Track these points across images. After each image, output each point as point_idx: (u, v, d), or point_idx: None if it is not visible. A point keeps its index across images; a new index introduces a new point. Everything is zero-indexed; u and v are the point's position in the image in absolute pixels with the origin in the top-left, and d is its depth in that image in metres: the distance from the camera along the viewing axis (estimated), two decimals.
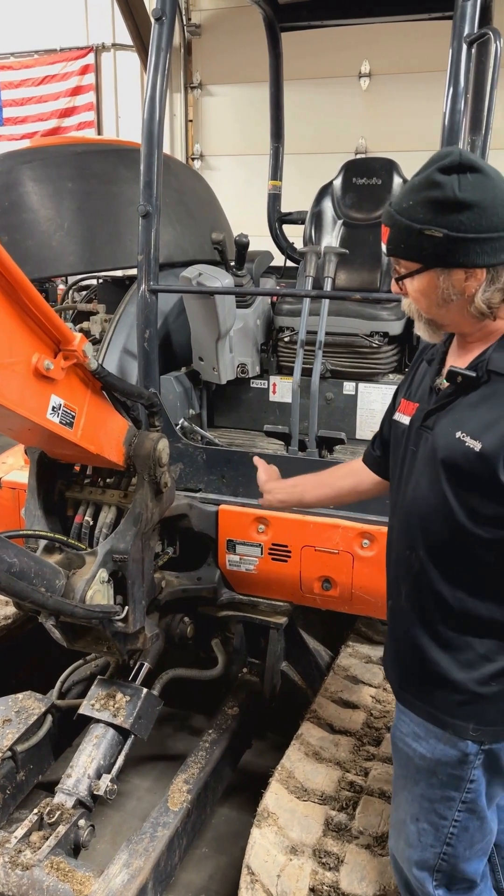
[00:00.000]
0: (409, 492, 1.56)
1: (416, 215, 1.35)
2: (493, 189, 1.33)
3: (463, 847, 1.57)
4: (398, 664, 1.64)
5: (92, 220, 2.86)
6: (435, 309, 1.45)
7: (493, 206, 1.32)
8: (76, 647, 2.32)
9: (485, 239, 1.32)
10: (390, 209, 1.41)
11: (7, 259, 1.55)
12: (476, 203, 1.31)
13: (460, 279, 1.37)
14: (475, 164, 1.33)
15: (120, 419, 2.15)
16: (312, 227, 3.44)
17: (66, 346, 1.79)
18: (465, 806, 1.55)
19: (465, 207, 1.31)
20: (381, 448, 1.84)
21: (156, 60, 2.50)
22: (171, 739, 3.02)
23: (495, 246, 1.33)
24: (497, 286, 1.38)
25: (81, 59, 6.90)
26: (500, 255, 1.34)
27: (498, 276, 1.37)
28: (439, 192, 1.33)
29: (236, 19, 6.13)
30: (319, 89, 5.92)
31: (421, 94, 5.79)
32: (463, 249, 1.34)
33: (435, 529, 1.50)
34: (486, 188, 1.33)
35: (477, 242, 1.33)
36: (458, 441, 1.42)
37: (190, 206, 3.44)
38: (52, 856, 2.01)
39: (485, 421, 1.39)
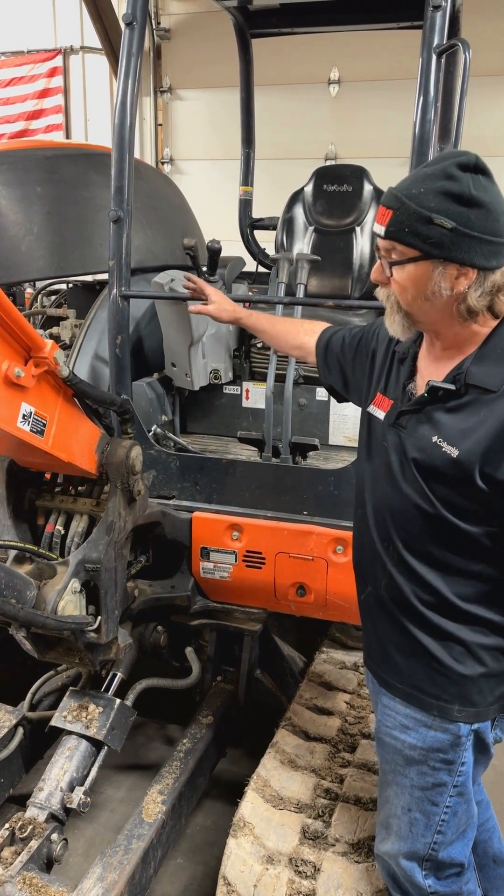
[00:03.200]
0: (382, 488, 1.61)
1: (428, 203, 1.37)
2: (499, 195, 1.39)
3: (452, 832, 1.61)
4: (380, 652, 1.67)
5: (62, 225, 2.82)
6: (419, 302, 1.46)
7: (498, 211, 1.37)
8: (47, 658, 2.28)
9: (486, 240, 1.36)
10: (396, 192, 1.42)
11: None
12: (486, 204, 1.36)
13: (452, 275, 1.39)
14: (488, 169, 1.39)
15: (92, 426, 2.12)
16: (284, 234, 3.44)
17: (36, 353, 1.76)
18: (455, 790, 1.58)
19: (476, 205, 1.35)
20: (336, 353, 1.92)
21: (126, 65, 2.48)
22: (145, 749, 2.99)
23: (492, 250, 1.38)
24: (483, 290, 1.41)
25: (49, 61, 6.83)
26: (493, 260, 1.39)
27: (485, 280, 1.40)
28: (455, 186, 1.36)
29: (206, 24, 6.13)
30: (289, 95, 5.94)
31: (390, 102, 5.85)
32: (465, 245, 1.36)
33: (412, 523, 1.53)
34: (495, 193, 1.38)
35: (479, 242, 1.36)
36: (434, 445, 1.47)
37: (161, 211, 3.43)
38: (25, 871, 1.97)
39: (461, 428, 1.44)
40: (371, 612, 1.69)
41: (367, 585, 1.70)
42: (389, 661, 1.64)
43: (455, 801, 1.59)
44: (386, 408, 1.65)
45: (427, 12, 2.21)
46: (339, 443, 3.03)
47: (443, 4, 2.19)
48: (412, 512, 1.52)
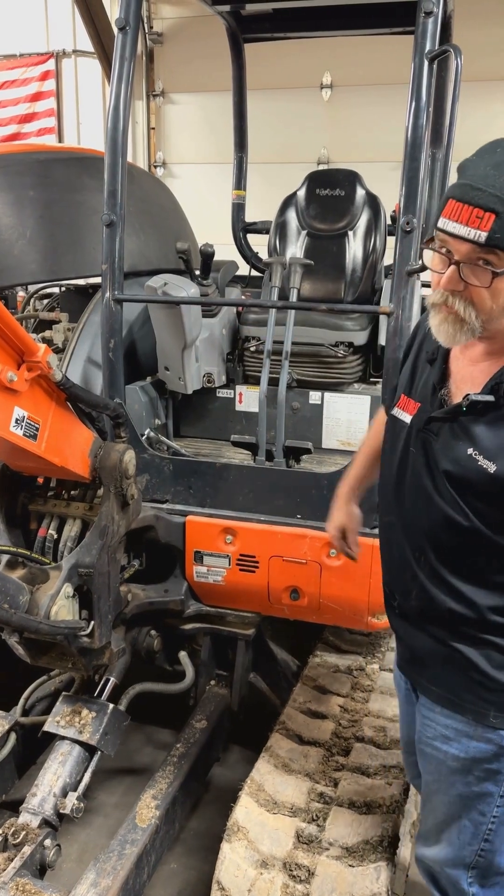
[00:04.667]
0: (413, 498, 1.55)
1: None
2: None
3: (499, 841, 1.59)
4: (414, 659, 1.65)
5: (54, 229, 2.82)
6: (498, 311, 1.35)
7: None
8: (40, 663, 2.28)
9: None
10: (495, 192, 1.27)
11: None
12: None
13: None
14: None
15: (85, 431, 2.12)
16: (277, 238, 3.45)
17: (29, 357, 1.76)
18: (502, 800, 1.55)
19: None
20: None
21: (119, 69, 2.48)
22: (139, 754, 2.98)
23: None
24: None
25: (42, 64, 6.83)
26: None
27: None
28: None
29: (198, 28, 6.14)
30: (282, 99, 5.96)
31: (382, 106, 5.87)
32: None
33: (446, 536, 1.49)
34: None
35: None
36: (469, 458, 1.41)
37: (154, 215, 3.43)
38: (18, 877, 1.96)
39: (498, 443, 1.39)
40: (401, 620, 1.67)
41: (395, 594, 1.67)
42: (425, 668, 1.62)
43: (502, 810, 1.57)
44: (412, 411, 1.57)
45: (419, 18, 2.22)
46: (333, 446, 3.03)
47: (434, 11, 2.20)
48: (446, 524, 1.48)
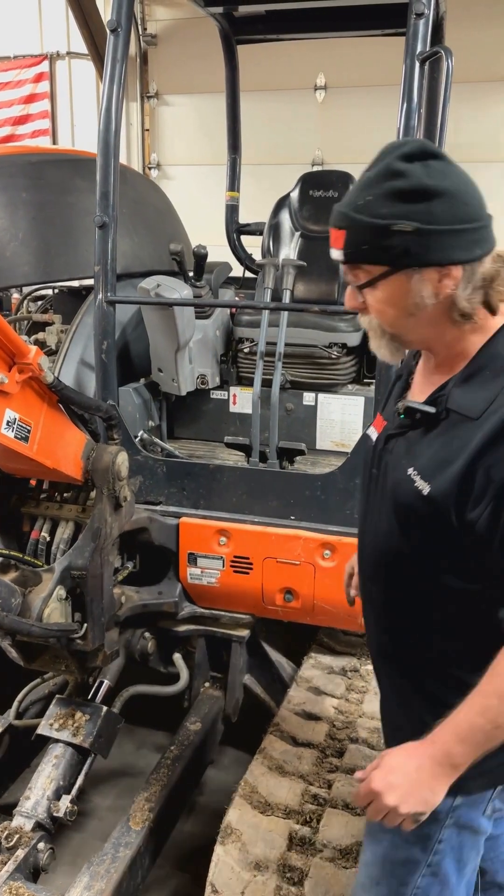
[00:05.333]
0: (369, 522, 1.46)
1: (379, 210, 1.19)
2: (460, 175, 1.21)
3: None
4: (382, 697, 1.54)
5: (47, 231, 2.81)
6: (403, 320, 1.28)
7: (464, 193, 1.20)
8: (34, 666, 2.27)
9: (459, 231, 1.19)
10: (343, 210, 1.25)
11: None
12: (446, 190, 1.18)
13: (434, 280, 1.21)
14: (437, 151, 1.22)
15: (77, 433, 2.11)
16: (270, 239, 3.45)
17: (20, 359, 1.75)
18: (429, 870, 1.38)
19: (436, 195, 1.17)
20: None
21: (111, 71, 2.48)
22: (133, 757, 2.98)
23: (469, 239, 1.20)
24: (474, 285, 1.23)
25: (35, 66, 6.82)
26: (475, 249, 1.20)
27: (473, 273, 1.22)
28: (404, 182, 1.18)
29: (192, 30, 6.14)
30: (275, 101, 5.96)
31: (376, 107, 5.86)
32: (437, 244, 1.19)
33: (393, 565, 1.37)
34: (453, 174, 1.20)
35: (451, 235, 1.19)
36: (408, 479, 1.29)
37: (147, 216, 3.43)
38: (11, 881, 1.96)
39: (437, 459, 1.26)
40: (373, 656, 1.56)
41: (364, 617, 1.54)
42: (383, 700, 1.52)
43: (427, 881, 1.38)
44: (379, 429, 1.49)
45: (410, 20, 2.22)
46: (327, 447, 3.03)
47: (425, 12, 2.21)
48: (393, 552, 1.35)
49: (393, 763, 1.24)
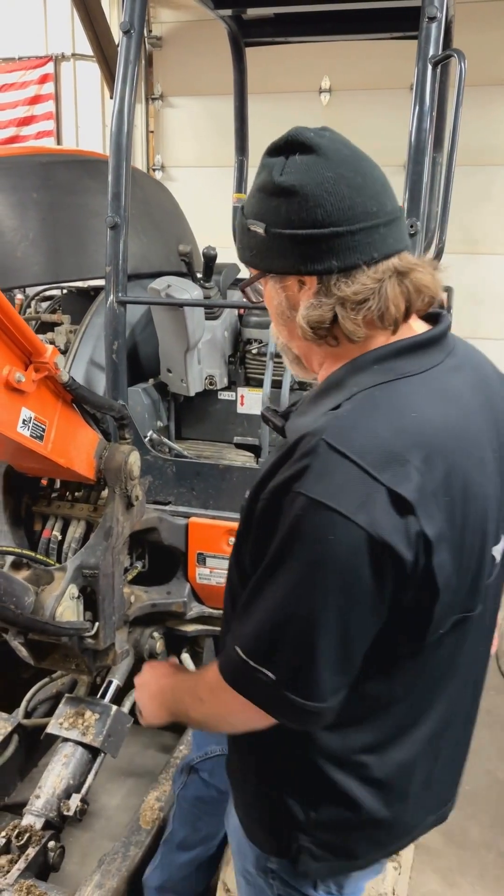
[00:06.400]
0: None
1: (249, 207, 1.10)
2: (325, 173, 1.01)
3: None
4: None
5: (57, 231, 2.82)
6: (279, 328, 1.18)
7: (320, 194, 1.01)
8: (44, 664, 2.27)
9: (303, 236, 1.02)
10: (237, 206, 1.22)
11: None
12: (297, 190, 1.02)
13: (293, 288, 1.09)
14: (310, 144, 1.03)
15: (90, 432, 2.12)
16: None
17: (37, 358, 1.76)
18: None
19: (283, 194, 1.03)
20: None
21: (124, 72, 2.49)
22: (140, 757, 2.98)
23: (322, 247, 1.02)
24: (328, 301, 1.05)
25: (40, 68, 6.82)
26: (331, 260, 1.02)
27: (329, 288, 1.04)
28: (265, 176, 1.06)
29: (198, 32, 6.16)
30: (280, 104, 5.95)
31: (381, 110, 5.88)
32: (281, 249, 1.05)
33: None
34: (315, 172, 1.02)
35: (298, 241, 1.03)
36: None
37: (156, 217, 3.44)
38: (22, 879, 1.97)
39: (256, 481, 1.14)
40: None
41: None
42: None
43: None
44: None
45: (422, 23, 2.23)
46: None
47: (438, 16, 2.22)
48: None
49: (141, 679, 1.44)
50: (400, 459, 0.96)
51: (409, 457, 0.96)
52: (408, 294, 1.06)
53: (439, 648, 1.10)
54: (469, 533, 1.04)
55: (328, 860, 1.24)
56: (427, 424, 1.00)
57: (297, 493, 0.97)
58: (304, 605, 0.98)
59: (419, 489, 0.95)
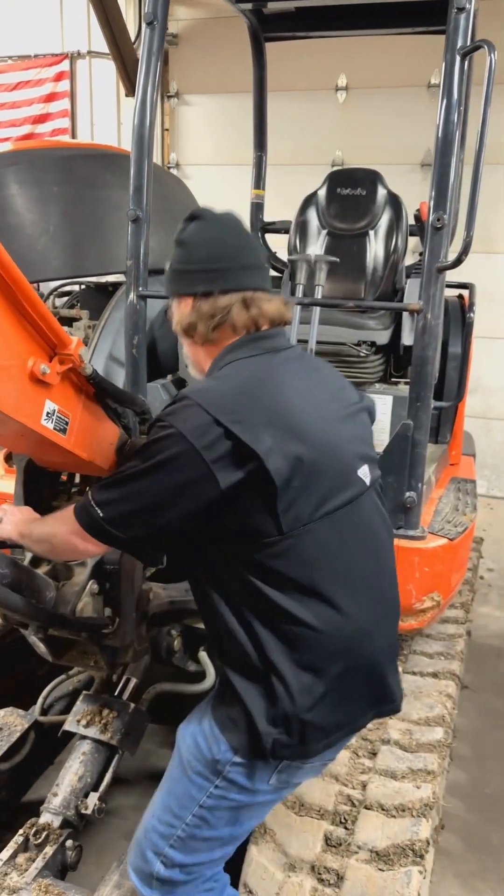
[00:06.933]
0: None
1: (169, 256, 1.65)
2: (205, 233, 1.58)
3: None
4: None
5: (78, 225, 2.81)
6: (180, 340, 1.70)
7: (199, 245, 1.57)
8: (62, 661, 2.25)
9: (184, 271, 1.58)
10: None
11: (5, 257, 1.50)
12: (186, 242, 1.58)
13: (180, 306, 1.61)
14: (201, 216, 1.61)
15: (112, 426, 2.09)
16: (297, 237, 3.43)
17: (61, 349, 1.73)
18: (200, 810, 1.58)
19: (179, 245, 1.60)
20: None
21: (147, 65, 2.48)
22: (155, 756, 2.95)
23: (193, 278, 1.56)
24: (198, 314, 1.57)
25: (56, 65, 6.83)
26: (197, 286, 1.55)
27: (201, 304, 1.56)
28: (174, 235, 1.62)
29: (214, 30, 6.15)
30: (296, 102, 5.95)
31: (398, 108, 5.87)
32: (174, 279, 1.61)
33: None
34: (199, 232, 1.58)
35: (182, 273, 1.59)
36: None
37: (174, 213, 3.41)
38: (40, 878, 1.94)
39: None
40: None
41: None
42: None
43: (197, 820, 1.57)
44: None
45: (451, 14, 2.21)
46: None
47: (466, 7, 2.19)
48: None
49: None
50: (233, 410, 1.40)
51: (239, 406, 1.41)
52: (252, 316, 1.56)
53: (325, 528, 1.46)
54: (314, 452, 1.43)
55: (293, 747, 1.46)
56: (257, 384, 1.48)
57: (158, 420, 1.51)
58: (150, 494, 1.43)
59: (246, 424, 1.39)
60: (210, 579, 1.56)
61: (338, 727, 1.52)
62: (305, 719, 1.44)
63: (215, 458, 1.37)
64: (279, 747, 1.46)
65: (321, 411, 1.53)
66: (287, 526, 1.41)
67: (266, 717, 1.45)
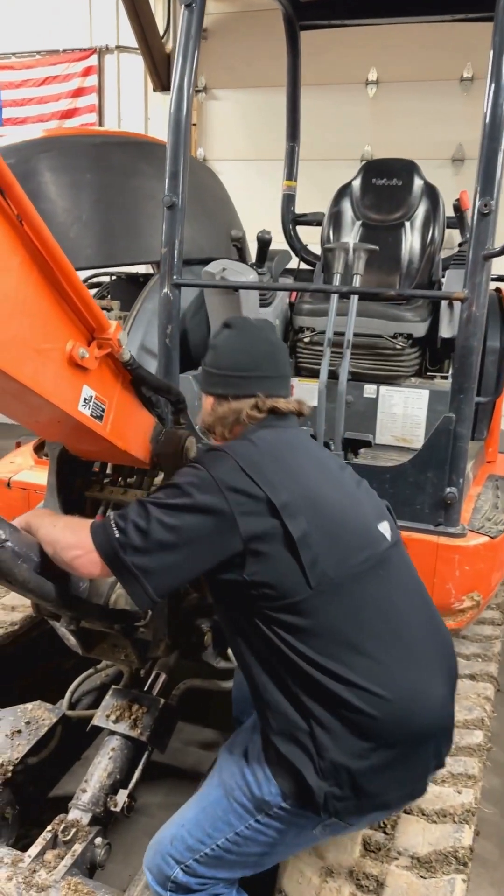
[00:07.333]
0: None
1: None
2: (233, 341, 1.73)
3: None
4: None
5: (110, 213, 2.77)
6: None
7: (225, 352, 1.72)
8: (92, 654, 2.21)
9: (210, 373, 1.74)
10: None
11: (48, 236, 1.46)
12: (217, 347, 1.74)
13: (203, 403, 1.78)
14: (235, 324, 1.78)
15: (147, 415, 2.05)
16: (331, 228, 3.37)
17: (100, 334, 1.69)
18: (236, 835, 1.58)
19: (212, 348, 1.76)
20: None
21: (185, 48, 2.43)
22: (182, 753, 2.90)
23: (215, 380, 1.73)
24: (214, 415, 1.72)
25: (84, 60, 6.81)
26: (217, 388, 1.72)
27: (217, 405, 1.71)
28: (210, 339, 1.80)
29: (244, 24, 6.09)
30: (325, 96, 5.87)
31: (429, 104, 5.78)
32: (203, 377, 1.78)
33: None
34: (229, 339, 1.74)
35: (209, 374, 1.75)
36: None
37: (206, 203, 3.37)
38: (69, 876, 1.89)
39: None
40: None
41: None
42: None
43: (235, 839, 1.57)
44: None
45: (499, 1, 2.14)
46: (386, 441, 2.94)
47: None
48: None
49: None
50: (260, 467, 1.51)
51: (265, 464, 1.53)
52: (262, 414, 1.68)
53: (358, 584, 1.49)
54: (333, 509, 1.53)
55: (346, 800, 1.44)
56: (283, 446, 1.62)
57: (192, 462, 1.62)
58: (170, 529, 1.45)
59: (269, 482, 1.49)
60: (250, 648, 1.56)
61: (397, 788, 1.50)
62: (355, 769, 1.43)
63: (239, 505, 1.45)
64: (332, 800, 1.43)
65: (336, 475, 1.65)
66: (315, 580, 1.44)
67: (316, 771, 1.44)
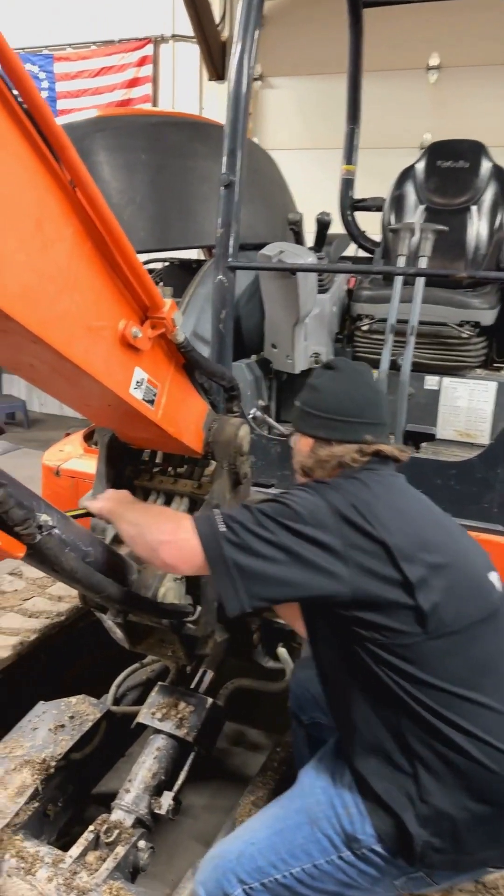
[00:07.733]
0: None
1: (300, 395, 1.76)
2: (336, 384, 1.67)
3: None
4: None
5: (164, 195, 2.69)
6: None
7: (328, 395, 1.66)
8: (138, 649, 2.13)
9: (311, 414, 1.67)
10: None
11: (103, 206, 1.37)
12: (318, 389, 1.68)
13: (299, 443, 1.71)
14: (337, 366, 1.72)
15: (200, 401, 1.95)
16: (392, 212, 3.22)
17: (154, 313, 1.60)
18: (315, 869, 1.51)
19: (313, 390, 1.70)
20: None
21: (246, 21, 2.32)
22: (227, 755, 2.82)
23: (316, 423, 1.66)
24: (315, 458, 1.65)
25: (139, 50, 6.77)
26: (319, 431, 1.65)
27: (318, 448, 1.65)
28: (309, 379, 1.74)
29: (301, 10, 5.97)
30: (384, 82, 5.69)
31: (491, 89, 5.56)
32: (301, 418, 1.71)
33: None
34: (331, 381, 1.68)
35: (309, 415, 1.68)
36: None
37: (263, 186, 3.27)
38: (111, 880, 1.82)
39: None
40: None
41: None
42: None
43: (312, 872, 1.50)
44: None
45: None
46: (448, 436, 2.79)
47: None
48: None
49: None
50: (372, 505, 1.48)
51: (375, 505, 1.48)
52: (366, 458, 1.61)
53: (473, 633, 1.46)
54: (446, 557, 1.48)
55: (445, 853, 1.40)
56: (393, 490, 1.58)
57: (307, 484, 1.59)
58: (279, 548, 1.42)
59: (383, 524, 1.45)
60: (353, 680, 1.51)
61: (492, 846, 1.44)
62: (459, 819, 1.38)
63: (353, 547, 1.41)
64: (429, 851, 1.39)
65: (445, 523, 1.61)
66: (432, 626, 1.41)
67: (416, 817, 1.40)
